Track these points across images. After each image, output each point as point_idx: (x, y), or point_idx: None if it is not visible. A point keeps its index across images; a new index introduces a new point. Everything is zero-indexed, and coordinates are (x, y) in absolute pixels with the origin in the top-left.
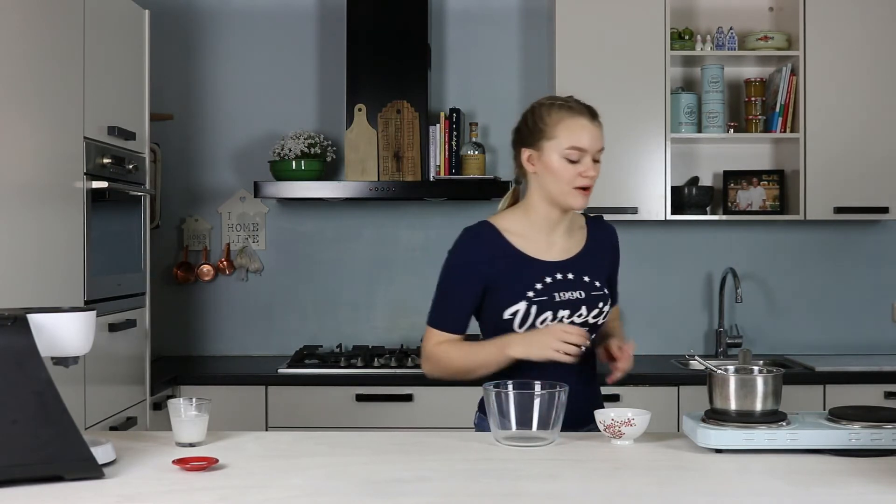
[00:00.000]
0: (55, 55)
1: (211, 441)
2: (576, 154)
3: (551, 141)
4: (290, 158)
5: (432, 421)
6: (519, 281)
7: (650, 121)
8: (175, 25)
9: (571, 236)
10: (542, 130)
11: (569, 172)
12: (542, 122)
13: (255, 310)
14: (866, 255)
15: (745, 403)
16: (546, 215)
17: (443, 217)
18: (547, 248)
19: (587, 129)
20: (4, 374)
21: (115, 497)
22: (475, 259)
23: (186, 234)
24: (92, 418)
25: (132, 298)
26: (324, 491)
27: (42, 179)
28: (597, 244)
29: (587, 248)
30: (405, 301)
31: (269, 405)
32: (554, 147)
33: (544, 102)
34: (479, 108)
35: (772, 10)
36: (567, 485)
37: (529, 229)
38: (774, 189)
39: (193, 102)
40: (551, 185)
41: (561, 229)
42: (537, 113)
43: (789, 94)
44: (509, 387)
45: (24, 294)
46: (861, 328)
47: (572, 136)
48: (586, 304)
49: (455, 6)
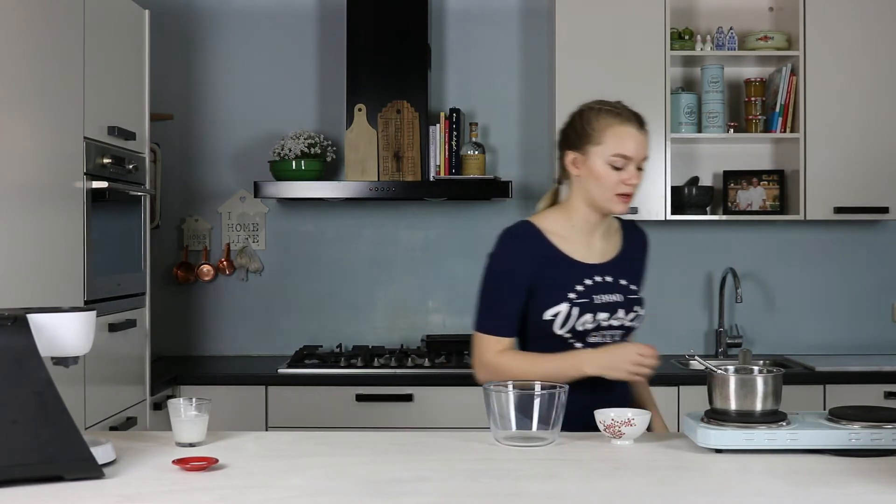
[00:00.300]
0: (55, 55)
1: (211, 441)
2: (620, 161)
3: (597, 146)
4: (290, 158)
5: (432, 421)
6: (561, 282)
7: (650, 121)
8: (175, 25)
9: (609, 239)
10: (588, 135)
11: (612, 179)
12: (589, 127)
13: (255, 310)
14: (866, 255)
15: (745, 403)
16: (586, 218)
17: (443, 217)
18: (587, 250)
19: (634, 138)
20: (4, 374)
21: (115, 497)
22: (521, 260)
23: (186, 234)
24: (92, 418)
25: (132, 298)
26: (324, 491)
27: (42, 179)
28: (631, 248)
29: (623, 252)
30: (405, 301)
31: (269, 405)
32: (599, 152)
33: (593, 106)
34: (479, 108)
35: (772, 10)
36: (567, 485)
37: (570, 231)
38: (774, 189)
39: (193, 102)
40: (594, 190)
41: (599, 232)
42: (585, 117)
43: (789, 94)
44: (509, 387)
45: (24, 294)
46: (861, 328)
47: (619, 143)
48: (624, 308)
49: (455, 6)
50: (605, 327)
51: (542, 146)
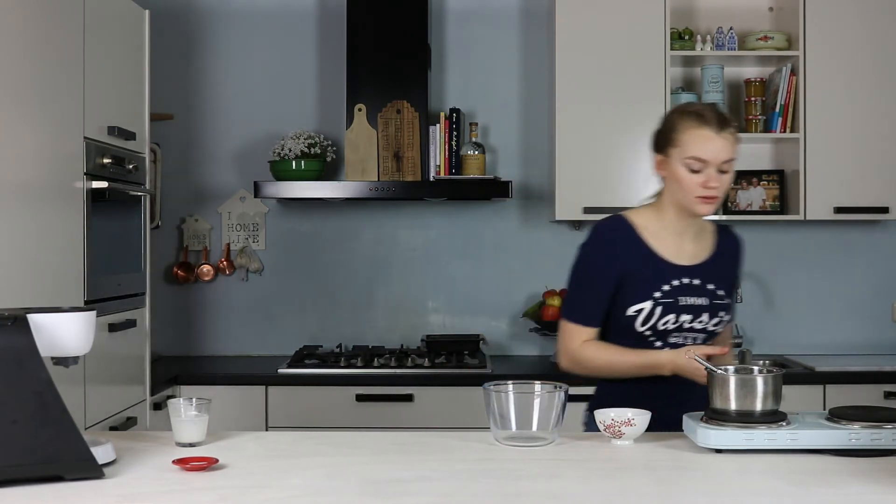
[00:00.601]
0: (55, 55)
1: (211, 441)
2: (697, 164)
3: (676, 149)
4: (290, 158)
5: (432, 421)
6: (648, 280)
7: (650, 121)
8: (175, 25)
9: (700, 242)
10: (669, 137)
11: (691, 182)
12: (671, 129)
13: (255, 310)
14: (866, 255)
15: (745, 403)
16: (676, 218)
17: (443, 217)
18: (677, 251)
19: (710, 141)
20: (4, 374)
21: (115, 497)
22: (613, 253)
23: (186, 234)
24: (92, 418)
25: (132, 298)
26: (324, 491)
27: (42, 179)
28: (723, 253)
29: (714, 256)
30: (405, 301)
31: (269, 405)
32: (677, 155)
33: (678, 109)
34: (479, 108)
35: (772, 10)
36: (567, 485)
37: (662, 230)
38: (774, 189)
39: (193, 102)
40: (676, 192)
41: (690, 234)
42: (670, 118)
43: (789, 94)
44: (509, 387)
45: (24, 294)
46: (861, 328)
47: (694, 146)
48: (708, 312)
49: (455, 6)
50: (687, 329)
51: (542, 146)
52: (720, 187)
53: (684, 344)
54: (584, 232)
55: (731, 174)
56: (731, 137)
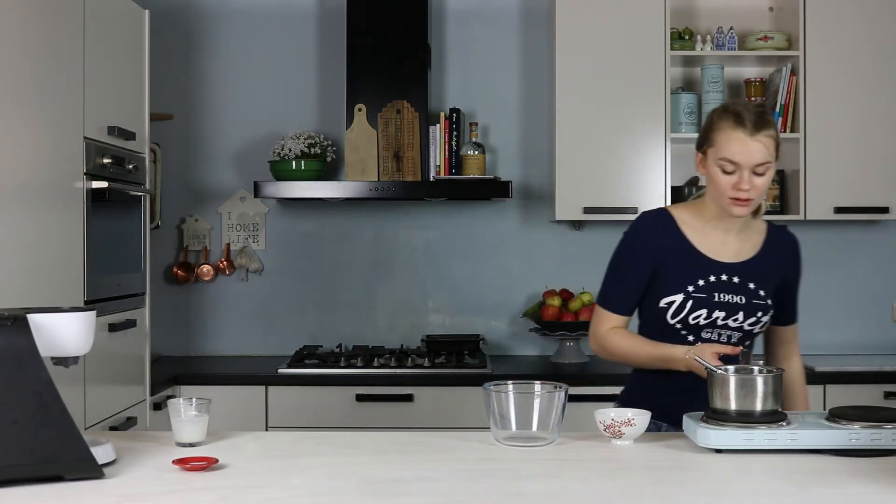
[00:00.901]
0: (55, 55)
1: (211, 441)
2: (729, 166)
3: (712, 148)
4: (290, 158)
5: (432, 421)
6: (683, 273)
7: (650, 121)
8: (175, 25)
9: (746, 240)
10: (708, 136)
11: (724, 182)
12: (710, 128)
13: (255, 310)
14: (866, 255)
15: (745, 403)
16: (717, 215)
17: (443, 217)
18: (718, 247)
19: (741, 143)
20: (4, 374)
21: (115, 497)
22: (651, 243)
23: (186, 234)
24: (92, 418)
25: (132, 298)
26: (324, 491)
27: (42, 179)
28: (772, 253)
29: (760, 255)
30: (405, 301)
31: (269, 405)
32: (713, 155)
33: (721, 106)
34: (479, 108)
35: (772, 10)
36: (567, 485)
37: (704, 225)
38: (774, 189)
39: (193, 102)
40: (712, 191)
41: (734, 231)
42: (711, 116)
43: (789, 94)
44: (509, 387)
45: (24, 294)
46: (861, 328)
47: (725, 147)
48: (744, 310)
49: (455, 6)
50: (721, 326)
51: (542, 146)
52: (753, 190)
53: (717, 340)
54: (584, 232)
55: (767, 176)
56: (766, 140)
